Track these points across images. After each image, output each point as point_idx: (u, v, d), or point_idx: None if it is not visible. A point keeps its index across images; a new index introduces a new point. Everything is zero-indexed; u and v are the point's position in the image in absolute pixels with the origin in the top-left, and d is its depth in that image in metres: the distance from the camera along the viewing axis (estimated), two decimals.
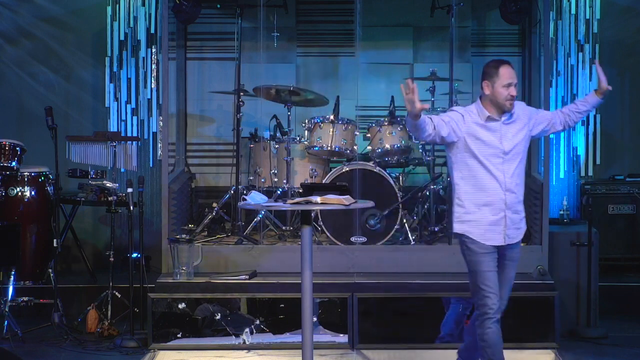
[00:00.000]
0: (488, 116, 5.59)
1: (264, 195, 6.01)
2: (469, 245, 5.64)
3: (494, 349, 5.59)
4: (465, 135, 5.58)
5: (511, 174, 5.59)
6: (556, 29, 9.28)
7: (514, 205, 5.63)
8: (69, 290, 8.14)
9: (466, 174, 5.62)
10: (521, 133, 5.64)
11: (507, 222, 5.61)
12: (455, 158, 5.64)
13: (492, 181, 5.58)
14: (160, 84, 8.99)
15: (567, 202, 8.83)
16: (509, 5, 8.56)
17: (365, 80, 9.28)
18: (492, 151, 5.58)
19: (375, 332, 7.24)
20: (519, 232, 5.70)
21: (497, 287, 5.58)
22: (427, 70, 8.48)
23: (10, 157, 8.10)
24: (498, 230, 5.61)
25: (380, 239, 7.84)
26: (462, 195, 5.65)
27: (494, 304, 5.56)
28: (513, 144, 5.60)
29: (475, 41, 9.39)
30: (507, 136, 5.60)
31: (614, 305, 8.10)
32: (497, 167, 5.58)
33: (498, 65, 5.59)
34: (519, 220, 5.68)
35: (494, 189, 5.59)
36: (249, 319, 7.26)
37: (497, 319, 5.58)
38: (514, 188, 5.60)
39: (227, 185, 9.04)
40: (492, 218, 5.60)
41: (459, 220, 5.67)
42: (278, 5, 8.85)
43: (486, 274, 5.59)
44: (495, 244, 5.62)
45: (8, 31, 9.35)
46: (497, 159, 5.58)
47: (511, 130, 5.62)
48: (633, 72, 9.35)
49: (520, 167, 5.64)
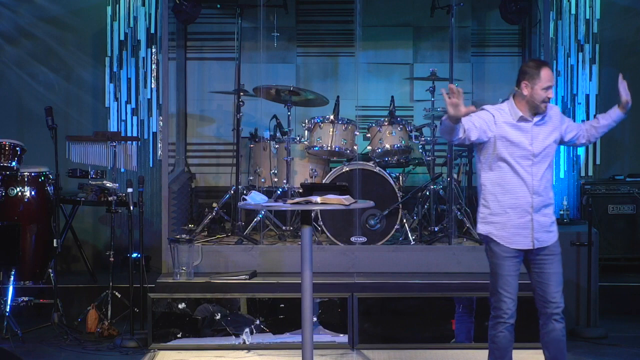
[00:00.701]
0: (521, 116, 5.52)
1: (264, 195, 6.01)
2: (492, 247, 5.59)
3: (502, 353, 5.60)
4: (495, 136, 5.52)
5: (540, 177, 5.52)
6: (556, 29, 9.28)
7: (542, 208, 5.55)
8: (69, 290, 8.14)
9: (493, 175, 5.56)
10: (552, 136, 5.57)
11: (535, 226, 5.53)
12: (484, 159, 5.58)
13: (519, 183, 5.52)
14: (160, 84, 8.99)
15: (567, 202, 8.82)
16: (509, 5, 8.56)
17: (365, 80, 9.28)
18: (521, 153, 5.51)
19: (375, 332, 7.24)
20: (550, 235, 5.60)
21: (515, 292, 5.55)
22: (427, 70, 8.48)
23: (10, 157, 8.10)
24: (525, 233, 5.54)
25: (380, 239, 7.84)
26: (488, 196, 5.58)
27: (509, 309, 5.54)
28: (543, 146, 5.53)
29: (475, 41, 9.39)
30: (538, 138, 5.53)
31: (614, 305, 8.10)
32: (526, 169, 5.51)
33: (539, 66, 5.51)
34: (549, 223, 5.59)
35: (521, 191, 5.52)
36: (249, 319, 7.26)
37: (510, 324, 5.56)
38: (541, 191, 5.53)
39: (227, 185, 9.04)
40: (518, 221, 5.53)
41: (483, 222, 5.62)
42: (278, 5, 8.85)
43: (505, 278, 5.55)
44: (523, 247, 5.55)
45: (8, 31, 9.35)
46: (526, 161, 5.51)
47: (542, 132, 5.55)
48: (633, 72, 9.33)
49: (549, 171, 5.57)
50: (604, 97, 9.31)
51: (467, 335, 7.23)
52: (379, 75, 9.34)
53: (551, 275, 5.59)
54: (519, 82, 5.54)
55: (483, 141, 5.55)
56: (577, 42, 9.32)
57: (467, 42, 9.34)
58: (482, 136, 5.52)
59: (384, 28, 9.34)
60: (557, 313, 5.55)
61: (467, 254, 7.59)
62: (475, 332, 7.20)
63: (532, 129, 5.53)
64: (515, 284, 5.56)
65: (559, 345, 5.58)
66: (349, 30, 9.24)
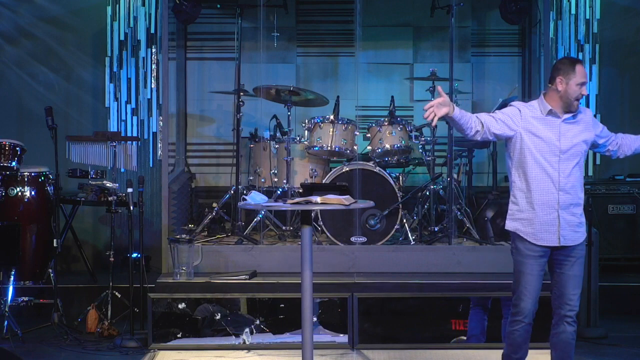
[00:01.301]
0: (550, 110, 5.51)
1: (264, 195, 6.01)
2: (517, 244, 5.58)
3: (516, 349, 5.63)
4: (521, 130, 5.51)
5: (567, 174, 5.50)
6: (556, 29, 9.28)
7: (569, 206, 5.52)
8: (69, 290, 8.14)
9: (521, 171, 5.55)
10: (582, 135, 5.55)
11: (562, 223, 5.51)
12: (513, 155, 5.57)
13: (546, 179, 5.50)
14: (160, 84, 8.99)
15: None
16: (509, 5, 8.57)
17: (365, 80, 9.28)
18: (548, 148, 5.50)
19: (375, 332, 7.24)
20: (577, 234, 5.56)
21: (535, 292, 5.54)
22: (427, 70, 8.48)
23: (10, 157, 8.10)
24: (552, 230, 5.51)
25: (380, 239, 7.84)
26: (516, 192, 5.58)
27: (527, 309, 5.54)
28: (572, 143, 5.51)
29: (475, 41, 9.39)
30: (567, 135, 5.51)
31: (614, 305, 8.10)
32: (553, 165, 5.49)
33: (574, 62, 5.51)
34: (576, 223, 5.55)
35: (548, 187, 5.50)
36: (249, 319, 7.26)
37: (526, 324, 5.56)
38: (569, 189, 5.50)
39: (227, 185, 9.04)
40: (544, 218, 5.51)
41: (511, 218, 5.61)
42: (278, 5, 8.85)
43: (528, 277, 5.54)
44: (549, 244, 5.52)
45: (8, 31, 9.35)
46: (553, 157, 5.49)
47: (572, 130, 5.53)
48: (633, 72, 9.35)
49: (577, 170, 5.54)
50: (604, 97, 9.32)
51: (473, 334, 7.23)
52: (379, 75, 9.34)
53: (571, 277, 5.55)
54: (552, 78, 5.53)
55: (509, 136, 5.54)
56: (577, 42, 9.32)
57: (467, 42, 9.35)
58: (506, 130, 5.52)
59: (384, 28, 9.35)
60: (570, 316, 5.54)
61: (467, 254, 7.59)
62: (485, 332, 7.23)
63: (561, 125, 5.52)
64: (537, 284, 5.54)
65: (566, 348, 5.57)
66: (349, 30, 9.24)
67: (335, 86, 9.25)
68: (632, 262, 8.96)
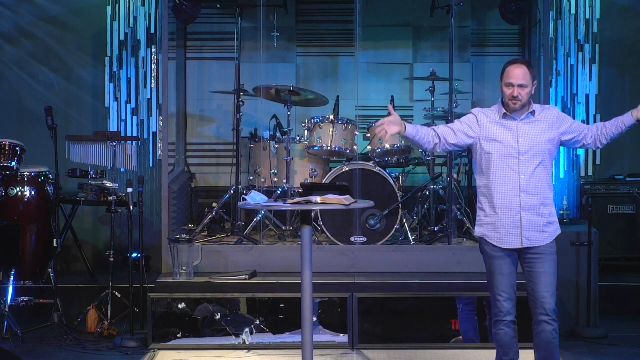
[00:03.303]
0: (504, 113, 5.56)
1: (264, 195, 6.01)
2: (484, 247, 5.63)
3: (506, 350, 5.63)
4: (479, 137, 5.58)
5: (529, 175, 5.51)
6: (556, 29, 9.28)
7: (534, 207, 5.53)
8: (69, 290, 8.13)
9: (484, 177, 5.60)
10: (544, 135, 5.56)
11: (524, 224, 5.53)
12: (476, 162, 5.65)
13: (507, 182, 5.53)
14: (160, 84, 8.99)
15: (567, 202, 8.83)
16: (509, 5, 8.56)
17: (365, 80, 9.28)
18: (507, 151, 5.53)
19: (375, 332, 7.24)
20: (544, 235, 5.57)
21: (509, 290, 5.57)
22: (427, 70, 8.48)
23: (10, 157, 8.10)
24: (515, 233, 5.54)
25: (380, 239, 7.84)
26: (481, 198, 5.63)
27: (504, 308, 5.56)
28: (532, 144, 5.53)
29: (475, 41, 9.39)
30: (526, 136, 5.53)
31: (614, 305, 8.10)
32: (513, 167, 5.52)
33: (507, 64, 5.58)
34: (543, 223, 5.57)
35: (509, 190, 5.53)
36: (249, 319, 7.26)
37: (509, 321, 5.58)
38: (531, 190, 5.52)
39: (227, 185, 9.04)
40: (507, 221, 5.54)
41: (478, 224, 5.66)
42: (278, 5, 8.85)
43: (498, 277, 5.58)
44: (514, 247, 5.55)
45: (8, 31, 9.35)
46: (512, 160, 5.52)
47: (532, 130, 5.55)
48: (633, 72, 9.35)
49: (542, 170, 5.54)
50: (604, 97, 9.31)
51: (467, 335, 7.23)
52: (379, 75, 9.34)
53: (541, 274, 5.55)
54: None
55: (468, 144, 5.65)
56: (577, 42, 9.32)
57: (467, 42, 9.34)
58: (465, 139, 5.62)
59: (384, 28, 9.34)
60: (547, 314, 5.52)
61: (467, 254, 7.58)
62: (478, 332, 7.22)
63: (519, 126, 5.56)
64: (509, 282, 5.58)
65: (548, 347, 5.56)
66: (349, 30, 9.24)
67: (335, 86, 9.25)
68: (632, 262, 8.95)
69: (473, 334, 7.21)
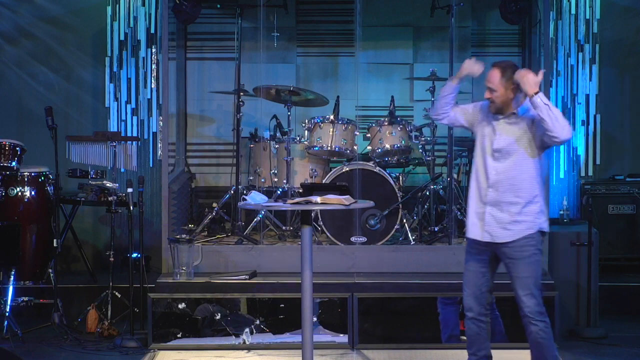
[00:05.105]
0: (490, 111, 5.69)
1: (264, 195, 6.01)
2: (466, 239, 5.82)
3: (469, 344, 5.80)
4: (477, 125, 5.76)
5: (499, 172, 5.61)
6: (556, 29, 9.28)
7: (500, 204, 5.61)
8: (69, 290, 8.13)
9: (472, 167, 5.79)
10: (518, 134, 5.61)
11: (487, 219, 5.63)
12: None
13: (481, 175, 5.69)
14: (160, 84, 8.99)
15: (567, 202, 8.83)
16: (509, 5, 8.56)
17: (365, 80, 9.28)
18: (486, 145, 5.68)
19: (375, 332, 7.24)
20: (508, 232, 5.61)
21: (473, 288, 5.71)
22: (427, 70, 8.48)
23: (10, 157, 8.10)
24: (478, 224, 5.68)
25: (380, 239, 7.84)
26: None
27: (467, 304, 5.75)
28: (505, 143, 5.61)
29: (475, 41, 9.39)
30: (502, 134, 5.63)
31: (614, 305, 8.10)
32: (487, 162, 5.66)
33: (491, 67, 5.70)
34: (508, 221, 5.61)
35: (480, 183, 5.68)
36: (249, 319, 7.26)
37: (473, 318, 5.73)
38: (500, 187, 5.60)
39: (227, 185, 9.04)
40: (475, 211, 5.71)
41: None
42: (278, 5, 8.85)
43: (465, 272, 5.78)
44: (475, 237, 5.69)
45: (8, 31, 9.35)
46: (489, 154, 5.66)
47: (509, 130, 5.63)
48: (633, 72, 9.35)
49: (519, 169, 5.60)
50: (604, 97, 9.31)
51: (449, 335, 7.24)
52: (379, 75, 9.34)
53: (515, 278, 5.64)
54: None
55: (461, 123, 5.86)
56: (577, 42, 9.32)
57: (467, 42, 9.34)
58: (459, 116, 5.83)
59: (384, 28, 9.34)
60: (529, 315, 5.59)
61: None
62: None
63: (498, 125, 5.67)
64: (473, 280, 5.72)
65: (538, 347, 5.65)
66: (349, 30, 9.23)
67: (335, 86, 9.25)
68: (632, 262, 8.95)
69: (459, 334, 7.20)
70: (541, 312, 5.59)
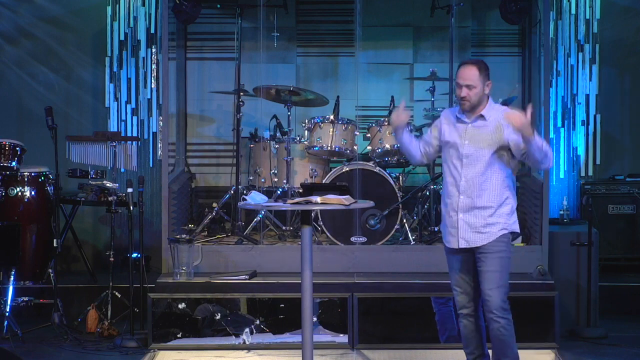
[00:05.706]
0: (457, 115, 5.70)
1: (264, 195, 6.01)
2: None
3: (466, 342, 5.84)
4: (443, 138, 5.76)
5: (470, 178, 5.62)
6: (556, 29, 9.28)
7: (472, 210, 5.64)
8: (69, 290, 8.13)
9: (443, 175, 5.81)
10: (488, 139, 5.60)
11: (461, 225, 5.66)
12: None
13: (452, 183, 5.71)
14: (160, 84, 8.99)
15: (567, 202, 8.83)
16: (509, 5, 8.56)
17: (365, 80, 9.28)
18: (454, 153, 5.68)
19: (375, 332, 7.24)
20: (482, 236, 5.65)
21: (463, 285, 5.76)
22: (427, 70, 8.49)
23: (10, 157, 8.10)
24: (454, 233, 5.72)
25: (380, 239, 7.84)
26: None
27: (459, 302, 5.79)
28: (474, 148, 5.61)
29: (475, 41, 9.38)
30: (471, 139, 5.63)
31: (614, 305, 8.10)
32: (458, 169, 5.67)
33: (460, 64, 5.71)
34: (481, 225, 5.65)
35: (452, 191, 5.70)
36: (249, 319, 7.26)
37: (464, 314, 5.78)
38: (470, 192, 5.62)
39: (227, 185, 9.04)
40: (449, 220, 5.75)
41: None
42: (278, 5, 8.85)
43: (450, 272, 5.84)
44: (452, 246, 5.74)
45: (8, 31, 9.35)
46: (458, 161, 5.67)
47: (478, 134, 5.63)
48: (633, 72, 9.35)
49: (489, 174, 5.60)
50: (604, 97, 9.31)
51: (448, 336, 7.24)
52: (379, 75, 9.34)
53: (483, 273, 5.65)
54: None
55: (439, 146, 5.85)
56: (577, 42, 9.31)
57: (467, 42, 9.34)
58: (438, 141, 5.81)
59: (384, 28, 9.34)
60: (492, 311, 5.60)
61: None
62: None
63: (467, 129, 5.66)
64: (459, 277, 5.77)
65: (498, 344, 5.66)
66: (349, 30, 9.23)
67: (335, 86, 9.25)
68: (632, 262, 8.95)
69: (457, 334, 7.20)
70: (505, 309, 5.62)
